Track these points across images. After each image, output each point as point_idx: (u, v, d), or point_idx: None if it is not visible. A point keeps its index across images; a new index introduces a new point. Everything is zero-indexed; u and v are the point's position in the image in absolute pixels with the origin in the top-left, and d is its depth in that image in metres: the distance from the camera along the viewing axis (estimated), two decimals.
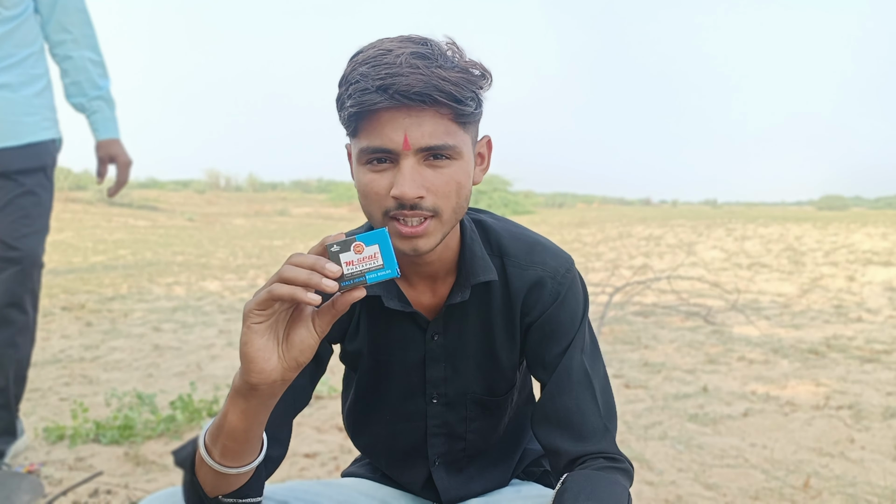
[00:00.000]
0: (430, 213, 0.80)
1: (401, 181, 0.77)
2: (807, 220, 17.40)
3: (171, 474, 2.20)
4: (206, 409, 2.75)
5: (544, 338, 0.93)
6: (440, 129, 0.77)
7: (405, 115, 0.76)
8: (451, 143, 0.78)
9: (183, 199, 33.86)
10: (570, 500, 0.79)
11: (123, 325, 4.99)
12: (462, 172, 0.81)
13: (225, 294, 6.79)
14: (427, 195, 0.78)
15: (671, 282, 6.63)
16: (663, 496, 2.05)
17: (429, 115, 0.76)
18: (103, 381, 3.40)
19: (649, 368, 3.73)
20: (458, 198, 0.81)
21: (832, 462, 2.34)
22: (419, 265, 0.90)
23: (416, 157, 0.78)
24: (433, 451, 1.02)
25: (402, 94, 0.74)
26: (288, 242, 15.76)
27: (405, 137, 0.76)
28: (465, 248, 0.91)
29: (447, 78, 0.75)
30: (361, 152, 0.80)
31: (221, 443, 0.75)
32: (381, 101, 0.74)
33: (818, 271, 8.60)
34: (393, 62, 0.74)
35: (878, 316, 5.45)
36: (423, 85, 0.74)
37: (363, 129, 0.78)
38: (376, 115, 0.76)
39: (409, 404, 0.99)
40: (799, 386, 3.36)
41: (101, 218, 21.70)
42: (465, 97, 0.77)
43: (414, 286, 0.93)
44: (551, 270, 0.93)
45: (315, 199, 40.63)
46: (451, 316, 0.94)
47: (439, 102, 0.75)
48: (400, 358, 0.96)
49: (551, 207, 39.27)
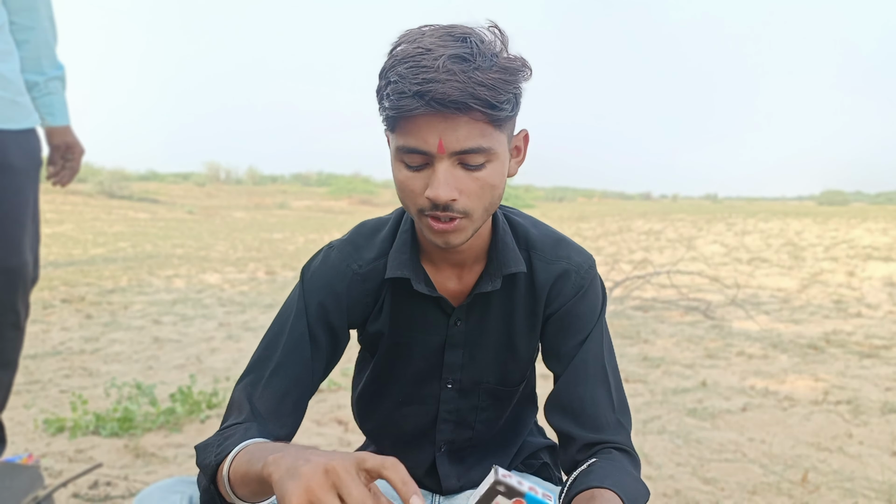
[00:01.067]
0: (462, 214, 0.81)
1: (435, 184, 0.78)
2: (807, 215, 17.40)
3: (170, 466, 2.21)
4: (205, 402, 2.75)
5: (562, 329, 0.96)
6: (475, 133, 0.78)
7: (441, 119, 0.76)
8: (485, 145, 0.79)
9: (183, 192, 33.83)
10: (596, 480, 0.81)
11: (123, 318, 4.99)
12: (495, 173, 0.82)
13: (225, 287, 6.79)
14: (460, 197, 0.80)
15: (671, 276, 6.63)
16: (661, 490, 2.06)
17: (464, 121, 0.77)
18: (103, 373, 3.41)
19: (648, 363, 3.74)
20: (491, 197, 0.83)
21: (830, 457, 2.34)
22: (449, 252, 0.92)
23: (451, 160, 0.79)
24: (441, 437, 1.04)
25: (437, 102, 0.74)
26: (288, 235, 15.76)
27: (440, 141, 0.77)
28: (496, 239, 0.93)
29: (484, 83, 0.75)
30: (398, 150, 0.81)
31: (244, 491, 0.75)
32: (418, 106, 0.75)
33: (818, 266, 8.60)
34: (431, 65, 0.74)
35: (878, 311, 5.45)
36: (458, 93, 0.74)
37: (400, 129, 0.79)
38: (412, 118, 0.77)
39: (423, 388, 1.01)
40: (798, 381, 3.36)
41: (100, 210, 21.69)
42: (501, 101, 0.77)
43: (441, 271, 0.95)
44: (575, 265, 0.96)
45: (315, 192, 40.62)
46: (476, 304, 0.96)
47: (473, 109, 0.76)
48: (421, 341, 0.97)
49: (551, 201, 39.23)
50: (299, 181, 49.29)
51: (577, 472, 0.86)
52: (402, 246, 0.93)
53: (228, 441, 0.81)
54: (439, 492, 1.08)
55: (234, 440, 0.80)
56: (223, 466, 0.77)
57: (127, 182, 31.12)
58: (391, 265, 0.93)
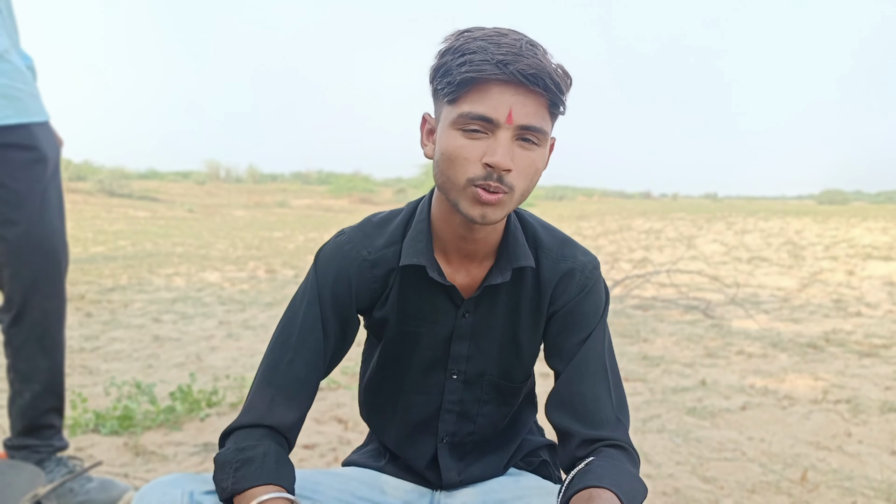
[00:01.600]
0: (508, 189, 0.84)
1: (498, 150, 0.82)
2: (807, 214, 17.40)
3: (169, 464, 2.21)
4: (205, 400, 2.76)
5: (566, 326, 0.98)
6: (539, 113, 0.83)
7: (513, 91, 0.81)
8: (544, 127, 0.84)
9: (183, 190, 33.84)
10: (594, 480, 0.82)
11: (123, 316, 5.00)
12: (542, 159, 0.87)
13: (225, 285, 6.79)
14: (513, 171, 0.83)
15: (671, 275, 6.64)
16: (661, 489, 2.06)
17: (533, 98, 0.82)
18: (103, 371, 3.41)
19: (648, 362, 3.74)
20: (533, 181, 0.87)
21: (829, 456, 2.35)
22: (466, 241, 0.94)
23: (513, 134, 0.83)
24: (443, 428, 1.05)
25: (520, 73, 0.79)
26: (288, 234, 15.76)
27: (510, 111, 0.81)
28: (508, 233, 0.96)
29: (556, 70, 0.82)
30: (460, 117, 0.83)
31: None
32: (499, 74, 0.79)
33: (818, 265, 8.60)
34: (512, 44, 0.80)
35: (878, 310, 5.45)
36: (539, 69, 0.80)
37: (467, 96, 0.82)
38: (486, 86, 0.81)
39: (428, 377, 1.02)
40: (797, 380, 3.37)
41: (101, 209, 21.70)
42: (564, 90, 0.83)
43: (451, 263, 0.97)
44: (581, 264, 0.98)
45: (315, 191, 40.62)
46: (485, 297, 0.98)
47: (547, 88, 0.81)
48: (428, 330, 0.99)
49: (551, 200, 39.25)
50: (299, 180, 49.29)
51: (574, 472, 0.87)
52: (419, 234, 0.95)
53: (244, 469, 0.84)
54: (440, 486, 1.09)
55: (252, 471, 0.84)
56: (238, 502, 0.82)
57: (127, 180, 31.12)
58: (406, 252, 0.95)
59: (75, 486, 1.79)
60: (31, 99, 1.69)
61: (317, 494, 1.02)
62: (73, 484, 1.79)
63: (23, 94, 1.66)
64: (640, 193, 57.74)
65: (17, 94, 1.64)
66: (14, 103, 1.63)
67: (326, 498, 1.02)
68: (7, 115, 1.62)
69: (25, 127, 1.66)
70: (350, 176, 42.18)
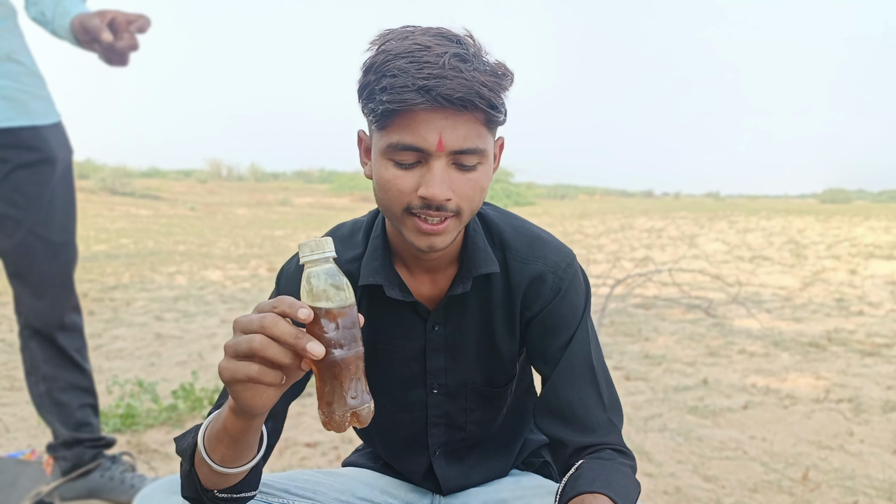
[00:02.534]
0: (453, 214, 0.81)
1: (431, 182, 0.77)
2: (809, 213, 17.36)
3: (172, 462, 2.22)
4: (207, 398, 2.76)
5: (546, 332, 0.94)
6: (473, 133, 0.78)
7: (442, 116, 0.76)
8: (481, 146, 0.79)
9: (185, 189, 33.86)
10: (585, 485, 0.80)
11: (125, 314, 5.00)
12: (486, 176, 0.82)
13: (227, 283, 6.80)
14: (453, 198, 0.79)
15: (672, 274, 6.63)
16: (662, 487, 2.06)
17: (464, 119, 0.77)
18: (105, 369, 3.42)
19: (650, 360, 3.74)
20: (479, 200, 0.83)
21: (831, 455, 2.35)
22: (422, 258, 0.90)
23: (447, 159, 0.78)
24: (434, 441, 1.03)
25: (444, 98, 0.74)
26: (290, 232, 15.77)
27: (440, 139, 0.76)
28: (468, 240, 0.92)
29: (486, 83, 0.75)
30: (389, 147, 0.79)
31: (221, 450, 0.75)
32: (422, 102, 0.74)
33: (820, 264, 8.58)
34: (435, 62, 0.74)
35: (880, 310, 5.44)
36: (465, 90, 0.74)
37: (394, 125, 0.77)
38: (412, 114, 0.76)
39: (409, 394, 0.99)
40: (799, 379, 3.36)
41: (103, 207, 21.73)
42: (499, 103, 0.78)
43: (415, 276, 0.94)
44: (552, 265, 0.93)
45: (317, 189, 40.61)
46: (452, 307, 0.94)
47: (477, 108, 0.76)
48: (400, 347, 0.96)
49: (553, 199, 39.20)
50: (301, 178, 49.28)
51: (566, 478, 0.85)
52: (374, 252, 0.92)
53: (205, 422, 0.81)
54: (439, 492, 1.08)
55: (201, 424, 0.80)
56: (198, 444, 0.77)
57: (129, 179, 31.17)
58: (364, 272, 0.91)
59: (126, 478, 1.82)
60: (38, 101, 1.69)
61: (318, 495, 1.02)
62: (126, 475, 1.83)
63: (28, 95, 1.66)
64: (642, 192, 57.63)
65: (20, 97, 1.64)
66: (17, 105, 1.63)
67: (327, 499, 1.02)
68: (9, 116, 1.61)
69: (32, 129, 1.66)
70: (352, 174, 42.17)
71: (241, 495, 0.82)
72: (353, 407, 0.65)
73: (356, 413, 0.66)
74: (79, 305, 1.82)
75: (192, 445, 0.79)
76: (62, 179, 1.73)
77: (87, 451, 1.80)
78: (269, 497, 0.97)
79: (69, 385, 1.78)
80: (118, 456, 1.87)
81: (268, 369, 0.63)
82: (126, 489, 1.80)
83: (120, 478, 1.81)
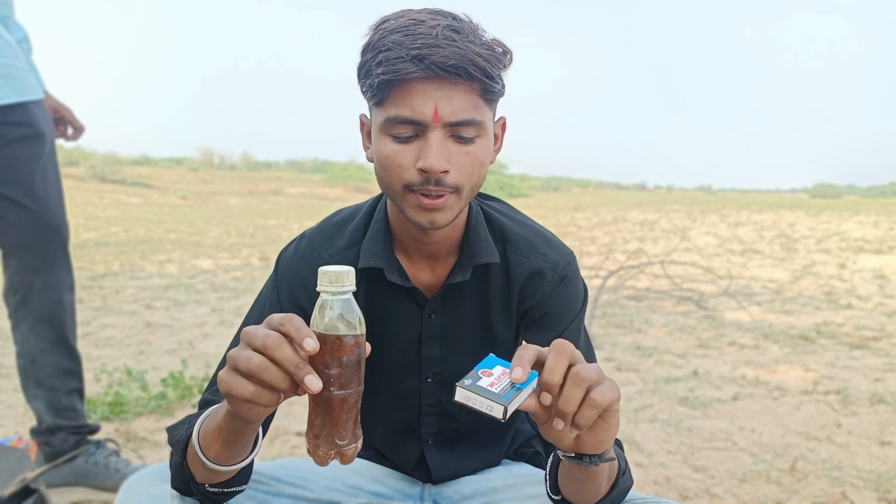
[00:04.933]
0: (452, 189, 0.79)
1: (428, 153, 0.76)
2: (800, 207, 17.46)
3: (161, 451, 2.21)
4: (196, 387, 2.75)
5: (540, 326, 0.94)
6: (469, 104, 0.77)
7: (437, 87, 0.75)
8: (478, 118, 0.78)
9: (176, 177, 33.62)
10: None
11: (115, 303, 4.97)
12: (485, 150, 0.81)
13: (218, 272, 6.76)
14: (452, 170, 0.78)
15: (665, 266, 6.65)
16: (652, 477, 2.07)
17: (460, 90, 0.76)
18: (94, 357, 3.39)
19: (641, 352, 3.75)
20: (479, 176, 0.82)
21: (819, 446, 2.36)
22: (423, 243, 0.90)
23: (444, 131, 0.77)
24: (426, 430, 1.03)
25: (437, 66, 0.73)
26: (282, 222, 15.70)
27: (436, 110, 0.75)
28: (469, 230, 0.91)
29: (480, 53, 0.75)
30: (387, 121, 0.78)
31: (216, 448, 0.73)
32: (416, 70, 0.73)
33: (810, 258, 8.64)
34: (428, 33, 0.74)
35: (868, 303, 5.48)
36: (458, 58, 0.73)
37: (391, 99, 0.77)
38: (407, 85, 0.75)
39: (404, 383, 0.99)
40: (788, 371, 3.38)
41: (93, 194, 21.55)
42: (496, 73, 0.77)
43: (414, 263, 0.93)
44: (552, 262, 0.93)
45: (310, 179, 40.46)
46: (450, 295, 0.94)
47: (472, 77, 0.75)
48: (395, 333, 0.95)
49: (547, 191, 39.24)
50: (294, 167, 49.06)
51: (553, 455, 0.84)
52: (376, 235, 0.91)
53: (199, 415, 0.79)
54: (430, 481, 1.08)
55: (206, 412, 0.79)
56: (193, 440, 0.75)
57: (119, 166, 30.90)
58: (364, 255, 0.90)
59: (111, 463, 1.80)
60: (27, 76, 1.66)
61: (308, 483, 1.01)
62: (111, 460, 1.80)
63: (19, 71, 1.63)
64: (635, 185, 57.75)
65: (13, 73, 1.61)
66: (11, 82, 1.60)
67: (317, 486, 1.01)
68: (5, 94, 1.59)
69: (22, 105, 1.64)
70: (345, 164, 42.03)
71: (231, 489, 0.82)
72: (339, 447, 0.64)
73: (341, 452, 0.65)
74: (74, 285, 1.80)
75: (186, 439, 0.78)
76: (51, 155, 1.71)
77: (70, 437, 1.78)
78: (259, 485, 0.97)
79: (58, 369, 1.75)
80: (102, 442, 1.85)
81: (264, 391, 0.62)
82: (111, 474, 1.78)
83: (104, 462, 1.79)
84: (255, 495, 0.95)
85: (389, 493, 1.07)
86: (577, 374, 0.65)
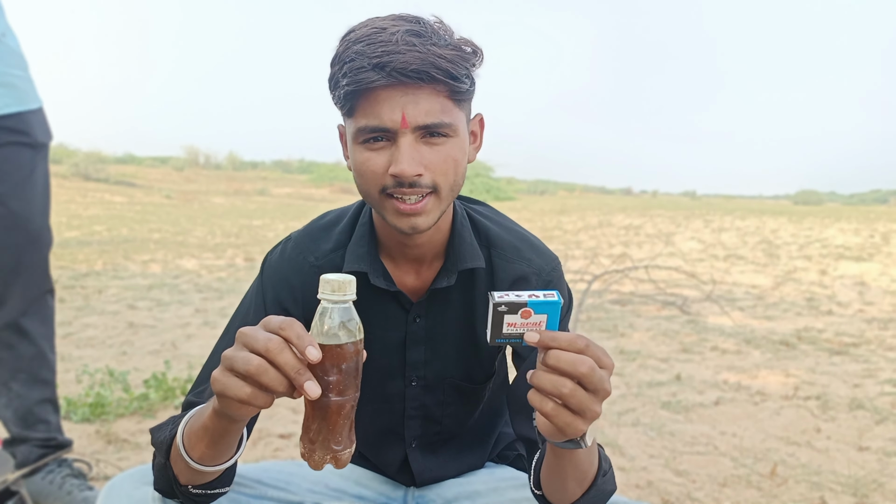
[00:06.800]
0: (429, 190, 0.80)
1: (399, 159, 0.77)
2: (783, 214, 17.68)
3: (143, 452, 2.18)
4: (179, 388, 2.72)
5: None
6: (436, 107, 0.77)
7: (402, 93, 0.76)
8: (447, 120, 0.78)
9: (161, 176, 33.30)
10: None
11: (97, 302, 4.91)
12: (458, 149, 0.81)
13: (202, 273, 6.70)
14: (425, 172, 0.79)
15: (649, 271, 6.70)
16: (634, 481, 2.09)
17: (425, 93, 0.76)
18: (75, 358, 3.35)
19: (625, 356, 3.77)
20: (456, 175, 0.82)
21: (799, 451, 2.39)
22: (408, 247, 0.90)
23: (414, 135, 0.78)
24: (410, 434, 1.02)
25: (399, 72, 0.74)
26: (267, 222, 15.61)
27: (403, 115, 0.76)
28: (454, 234, 0.92)
29: (443, 55, 0.75)
30: (358, 132, 0.79)
31: (201, 448, 0.73)
32: (378, 78, 0.74)
33: (792, 264, 8.75)
34: (388, 40, 0.74)
35: (848, 309, 5.56)
36: (419, 62, 0.74)
37: (359, 109, 0.77)
38: (373, 94, 0.76)
39: (388, 386, 0.99)
40: (769, 376, 3.42)
41: (76, 193, 21.28)
42: (461, 74, 0.77)
43: (399, 267, 0.93)
44: (537, 268, 0.94)
45: (296, 180, 40.25)
46: (435, 300, 0.94)
47: (436, 80, 0.75)
48: (380, 337, 0.95)
49: (533, 194, 39.37)
50: (280, 168, 48.78)
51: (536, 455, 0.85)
52: (360, 239, 0.91)
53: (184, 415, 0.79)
54: (414, 484, 1.08)
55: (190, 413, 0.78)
56: (178, 441, 0.75)
57: (103, 164, 30.52)
58: (349, 258, 0.90)
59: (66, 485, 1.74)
60: (27, 84, 1.67)
61: (291, 486, 1.01)
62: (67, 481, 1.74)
63: (19, 80, 1.63)
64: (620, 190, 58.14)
65: (13, 81, 1.61)
66: (11, 91, 1.60)
67: (300, 490, 1.01)
68: (6, 103, 1.59)
69: (19, 115, 1.63)
70: (331, 165, 41.87)
71: (215, 491, 0.81)
72: (335, 452, 0.65)
73: (336, 457, 0.65)
74: (53, 290, 1.78)
75: (170, 440, 0.77)
76: (42, 165, 1.71)
77: (34, 450, 1.73)
78: (242, 488, 0.96)
79: (30, 377, 1.72)
80: (69, 461, 1.79)
81: (260, 393, 0.62)
82: (62, 496, 1.71)
83: (59, 482, 1.72)
84: (239, 498, 0.95)
85: (373, 496, 1.07)
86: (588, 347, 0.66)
